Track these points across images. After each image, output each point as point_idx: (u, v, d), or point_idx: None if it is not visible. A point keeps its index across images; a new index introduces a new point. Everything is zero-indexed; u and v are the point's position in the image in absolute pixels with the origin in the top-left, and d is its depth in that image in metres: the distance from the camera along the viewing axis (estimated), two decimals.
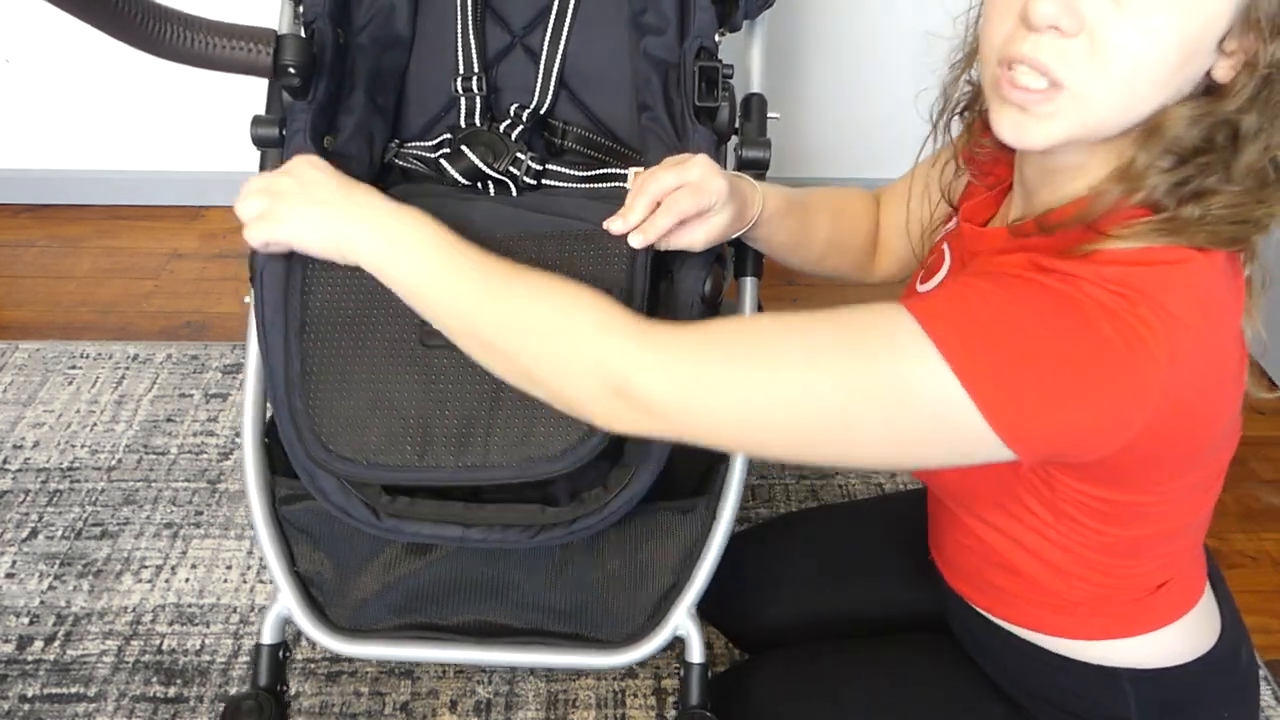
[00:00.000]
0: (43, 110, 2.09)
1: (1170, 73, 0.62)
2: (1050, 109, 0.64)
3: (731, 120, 1.02)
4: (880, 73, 2.05)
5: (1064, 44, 0.62)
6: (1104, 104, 0.63)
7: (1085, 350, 0.61)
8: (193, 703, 1.28)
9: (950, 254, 0.86)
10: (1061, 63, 0.62)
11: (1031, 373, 0.61)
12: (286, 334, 0.89)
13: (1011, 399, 0.61)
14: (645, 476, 0.88)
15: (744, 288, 1.03)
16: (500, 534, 0.87)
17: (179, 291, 2.00)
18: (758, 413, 0.65)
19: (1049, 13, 0.61)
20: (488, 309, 0.73)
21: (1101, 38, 0.61)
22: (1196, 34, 0.61)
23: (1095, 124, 0.65)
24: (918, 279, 0.91)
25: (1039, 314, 0.62)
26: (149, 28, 0.91)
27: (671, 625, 0.94)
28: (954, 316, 0.63)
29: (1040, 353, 0.61)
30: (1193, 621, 0.83)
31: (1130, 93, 0.63)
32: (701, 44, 1.00)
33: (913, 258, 0.98)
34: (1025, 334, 0.62)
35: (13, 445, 1.63)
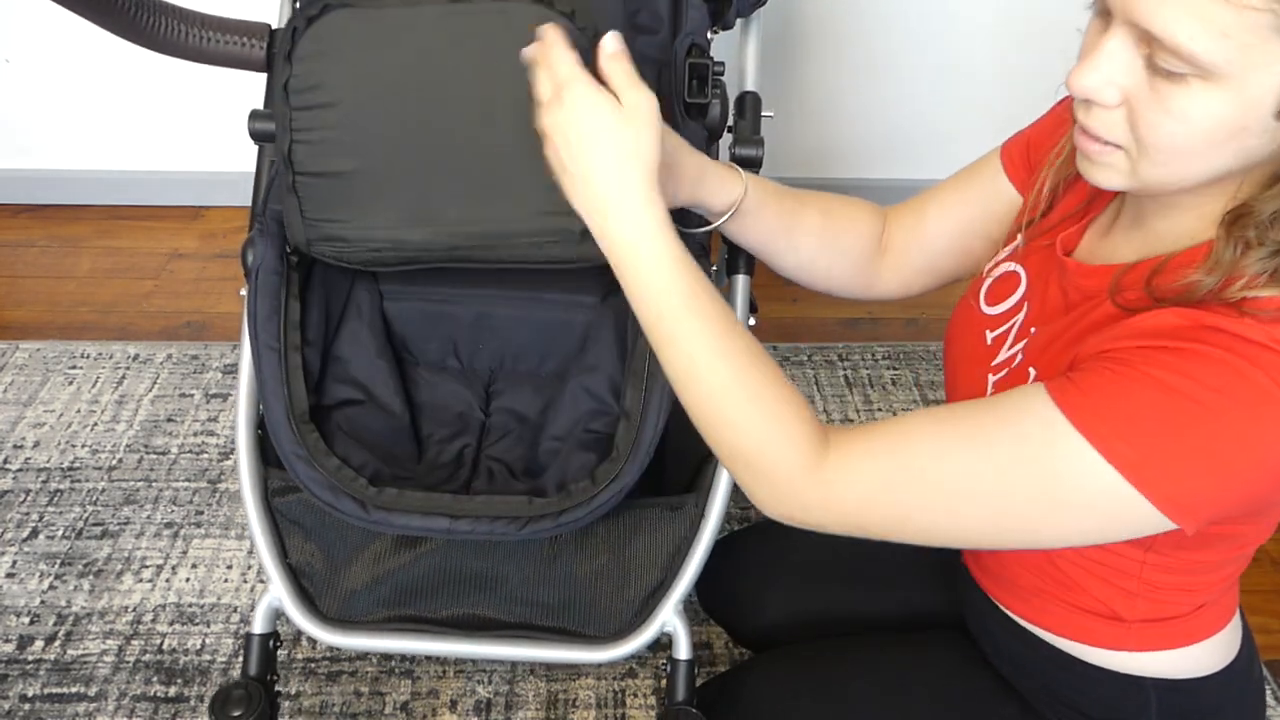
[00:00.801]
0: (43, 110, 2.09)
1: (1217, 145, 0.61)
2: (1109, 160, 0.66)
3: (724, 118, 1.01)
4: (876, 72, 2.04)
5: (1107, 114, 0.64)
6: (1154, 170, 0.64)
7: (1259, 425, 0.60)
8: (193, 702, 1.28)
9: (1027, 276, 0.83)
10: (1108, 131, 0.64)
11: (1205, 460, 0.61)
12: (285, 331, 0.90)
13: (1187, 490, 0.62)
14: (633, 470, 0.88)
15: (736, 285, 1.03)
16: (488, 526, 0.87)
17: (179, 291, 2.00)
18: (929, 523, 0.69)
19: (1087, 87, 0.63)
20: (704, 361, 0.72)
21: (1138, 116, 0.62)
22: (1237, 116, 0.59)
23: (1153, 183, 0.66)
24: (981, 298, 0.87)
25: (1206, 395, 0.61)
26: (143, 21, 0.91)
27: (659, 622, 0.94)
28: (1118, 419, 0.62)
29: (1211, 437, 0.61)
30: (1221, 639, 0.84)
31: (1177, 165, 0.63)
32: (693, 41, 1.00)
33: (936, 273, 0.95)
34: (1194, 422, 0.61)
35: (13, 445, 1.63)
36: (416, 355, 1.13)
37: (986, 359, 0.84)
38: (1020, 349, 0.79)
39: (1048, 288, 0.79)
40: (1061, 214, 0.81)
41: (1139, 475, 0.61)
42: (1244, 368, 0.60)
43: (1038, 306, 0.80)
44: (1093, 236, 0.78)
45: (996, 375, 0.82)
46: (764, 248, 0.94)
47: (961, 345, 0.89)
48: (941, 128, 2.12)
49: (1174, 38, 0.57)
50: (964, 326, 0.89)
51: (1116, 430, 0.62)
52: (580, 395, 1.05)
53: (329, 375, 1.03)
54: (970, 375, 0.85)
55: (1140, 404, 0.62)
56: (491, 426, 1.09)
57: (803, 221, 0.93)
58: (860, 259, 0.95)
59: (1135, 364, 0.63)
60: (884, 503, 0.69)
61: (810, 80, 2.06)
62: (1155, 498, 0.62)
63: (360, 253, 0.95)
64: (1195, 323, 0.63)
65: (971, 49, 2.01)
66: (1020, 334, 0.81)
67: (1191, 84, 0.59)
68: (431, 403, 1.08)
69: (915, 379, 1.82)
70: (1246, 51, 0.56)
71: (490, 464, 1.05)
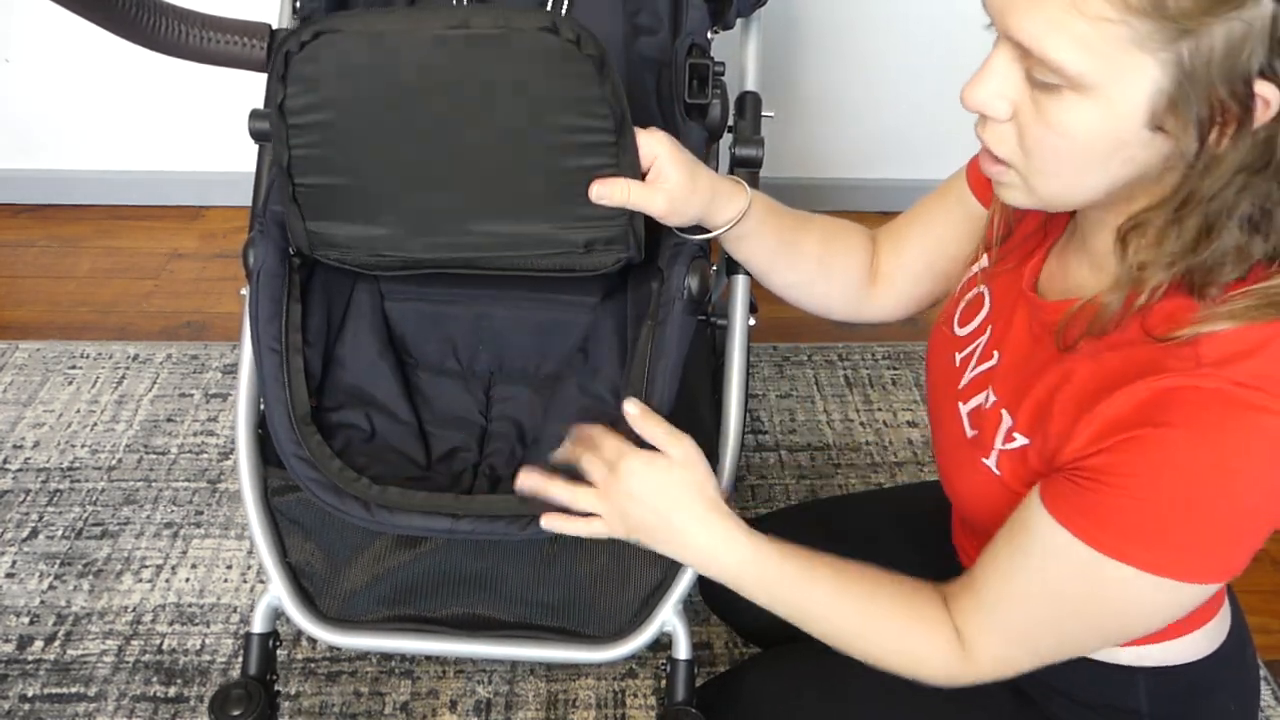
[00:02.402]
0: (43, 110, 2.09)
1: (1102, 157, 0.62)
2: (1007, 179, 0.68)
3: (724, 118, 1.01)
4: (876, 72, 2.04)
5: (1000, 129, 0.65)
6: (1047, 188, 0.66)
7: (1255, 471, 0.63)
8: (193, 702, 1.28)
9: (991, 299, 0.84)
10: (1000, 144, 0.66)
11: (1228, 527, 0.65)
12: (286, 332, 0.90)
13: (1220, 564, 0.66)
14: None
15: (736, 285, 1.03)
16: (489, 526, 0.87)
17: (179, 291, 2.00)
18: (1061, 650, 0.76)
19: (976, 100, 0.65)
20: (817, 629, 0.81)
21: (1024, 129, 0.64)
22: (1111, 128, 0.60)
23: (1052, 198, 0.67)
24: (954, 321, 0.89)
25: (1200, 475, 0.63)
26: (143, 21, 0.91)
27: (658, 622, 0.94)
28: (1140, 533, 0.65)
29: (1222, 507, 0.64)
30: (1210, 627, 0.84)
31: (1066, 178, 0.65)
32: (693, 41, 1.00)
33: (919, 298, 0.97)
34: (1201, 503, 0.63)
35: (13, 445, 1.63)
36: (416, 357, 1.13)
37: (954, 381, 0.85)
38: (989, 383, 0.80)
39: (1013, 314, 0.80)
40: (1022, 235, 0.83)
41: (1183, 572, 0.65)
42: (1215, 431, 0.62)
43: (1001, 330, 0.81)
44: (1053, 263, 0.79)
45: (967, 405, 0.83)
46: (762, 266, 0.95)
47: (936, 367, 0.90)
48: (941, 128, 2.12)
49: (1042, 50, 0.59)
50: (938, 349, 0.90)
51: (1144, 544, 0.65)
52: (580, 396, 1.05)
53: (330, 377, 1.03)
54: (944, 398, 0.87)
55: (1146, 510, 0.64)
56: (492, 428, 1.09)
57: (802, 245, 0.94)
58: (853, 284, 0.97)
59: (1124, 475, 0.65)
60: (1028, 655, 0.76)
61: (810, 80, 2.06)
62: (1208, 578, 0.67)
63: (362, 257, 0.95)
64: (1155, 395, 0.64)
65: (972, 49, 2.00)
66: (983, 356, 0.82)
67: (1066, 96, 0.60)
68: (432, 404, 1.08)
69: (915, 379, 1.82)
70: (1109, 62, 0.58)
71: (491, 465, 1.05)
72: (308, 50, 0.83)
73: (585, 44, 0.82)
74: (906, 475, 1.63)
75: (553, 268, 0.95)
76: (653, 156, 0.83)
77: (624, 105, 0.83)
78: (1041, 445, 0.72)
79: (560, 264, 0.94)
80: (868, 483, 1.62)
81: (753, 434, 1.70)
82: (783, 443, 1.69)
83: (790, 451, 1.67)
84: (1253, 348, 0.63)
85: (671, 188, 0.83)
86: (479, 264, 0.96)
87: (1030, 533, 0.70)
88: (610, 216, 0.90)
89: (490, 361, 1.14)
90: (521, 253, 0.94)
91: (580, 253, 0.92)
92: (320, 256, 0.96)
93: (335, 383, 1.03)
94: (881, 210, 2.03)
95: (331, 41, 0.83)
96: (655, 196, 0.83)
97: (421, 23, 0.82)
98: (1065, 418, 0.69)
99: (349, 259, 0.96)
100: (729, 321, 1.03)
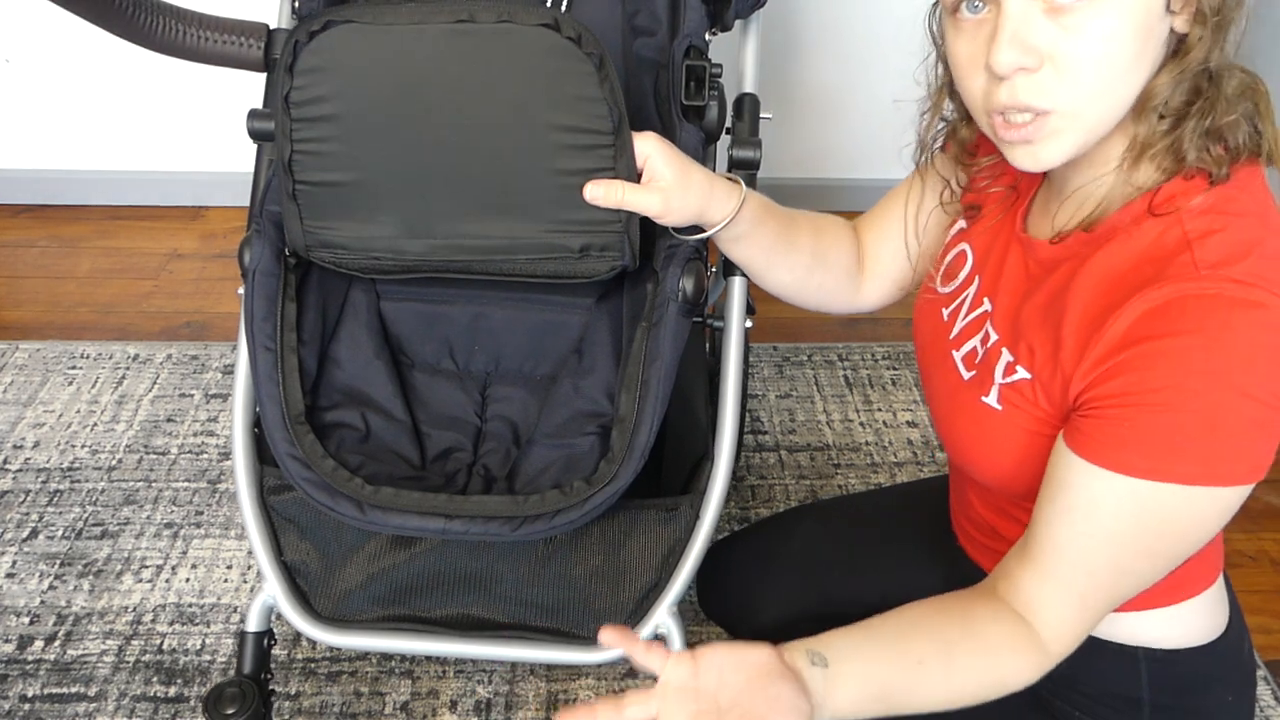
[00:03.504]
0: (43, 110, 2.09)
1: (1136, 55, 0.67)
2: (1049, 129, 0.69)
3: (722, 119, 1.01)
4: (874, 74, 2.04)
5: (1034, 79, 0.67)
6: (1093, 109, 0.68)
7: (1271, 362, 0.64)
8: (193, 702, 1.28)
9: (973, 252, 0.87)
10: (1041, 95, 0.67)
11: (1258, 432, 0.66)
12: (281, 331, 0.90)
13: (1256, 461, 0.67)
14: (627, 472, 0.88)
15: (733, 287, 1.03)
16: (483, 526, 0.87)
17: (179, 291, 2.00)
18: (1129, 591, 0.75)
19: (1010, 60, 0.66)
20: (920, 698, 0.76)
21: (1061, 60, 0.66)
22: (1143, 15, 0.65)
23: (1095, 126, 0.69)
24: (937, 280, 0.91)
25: (1223, 378, 0.65)
26: (142, 21, 0.92)
27: (653, 623, 0.94)
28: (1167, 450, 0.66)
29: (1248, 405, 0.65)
30: (1207, 603, 0.85)
31: (1110, 90, 0.68)
32: (691, 43, 1.00)
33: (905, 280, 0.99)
34: (1227, 405, 0.65)
35: (13, 445, 1.63)
36: (412, 357, 1.13)
37: (945, 333, 0.87)
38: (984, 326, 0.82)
39: (1004, 259, 0.82)
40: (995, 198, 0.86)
41: (1227, 476, 0.66)
42: (1224, 330, 0.64)
43: (992, 277, 0.83)
44: (1038, 209, 0.82)
45: (960, 351, 0.85)
46: (759, 266, 0.95)
47: (924, 327, 0.92)
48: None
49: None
50: (924, 310, 0.92)
51: (1185, 457, 0.66)
52: (575, 397, 1.05)
53: (325, 376, 1.03)
54: (935, 351, 0.89)
55: (1178, 423, 0.65)
56: (487, 428, 1.09)
57: (796, 241, 0.94)
58: (845, 275, 0.98)
59: (1147, 392, 0.66)
60: (1103, 607, 0.74)
61: (809, 82, 2.06)
62: (1247, 478, 0.67)
63: (359, 259, 0.96)
64: (1160, 307, 0.66)
65: None
66: (974, 303, 0.85)
67: (1087, 7, 0.64)
68: (427, 405, 1.08)
69: (915, 379, 1.82)
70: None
71: (485, 465, 1.05)
72: (317, 41, 0.84)
73: (585, 42, 0.82)
74: (906, 475, 1.63)
75: (547, 274, 0.95)
76: (645, 156, 0.84)
77: (622, 106, 0.84)
78: (1049, 378, 0.73)
79: (554, 270, 0.95)
80: (867, 483, 1.62)
81: (753, 434, 1.69)
82: (783, 443, 1.69)
83: (790, 451, 1.67)
84: (1245, 249, 0.66)
85: (665, 186, 0.84)
86: (474, 269, 0.96)
87: (1072, 488, 0.70)
88: (606, 221, 0.90)
89: (486, 362, 1.14)
90: (516, 257, 0.94)
91: (575, 258, 0.93)
92: (316, 258, 0.96)
93: (330, 382, 1.03)
94: None
95: (342, 33, 0.85)
96: (650, 196, 0.84)
97: (429, 16, 0.84)
98: (1076, 342, 0.71)
99: (345, 261, 0.96)
100: (725, 323, 1.03)
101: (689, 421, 1.05)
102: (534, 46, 0.83)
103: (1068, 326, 0.72)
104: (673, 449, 1.02)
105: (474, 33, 0.83)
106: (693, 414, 1.06)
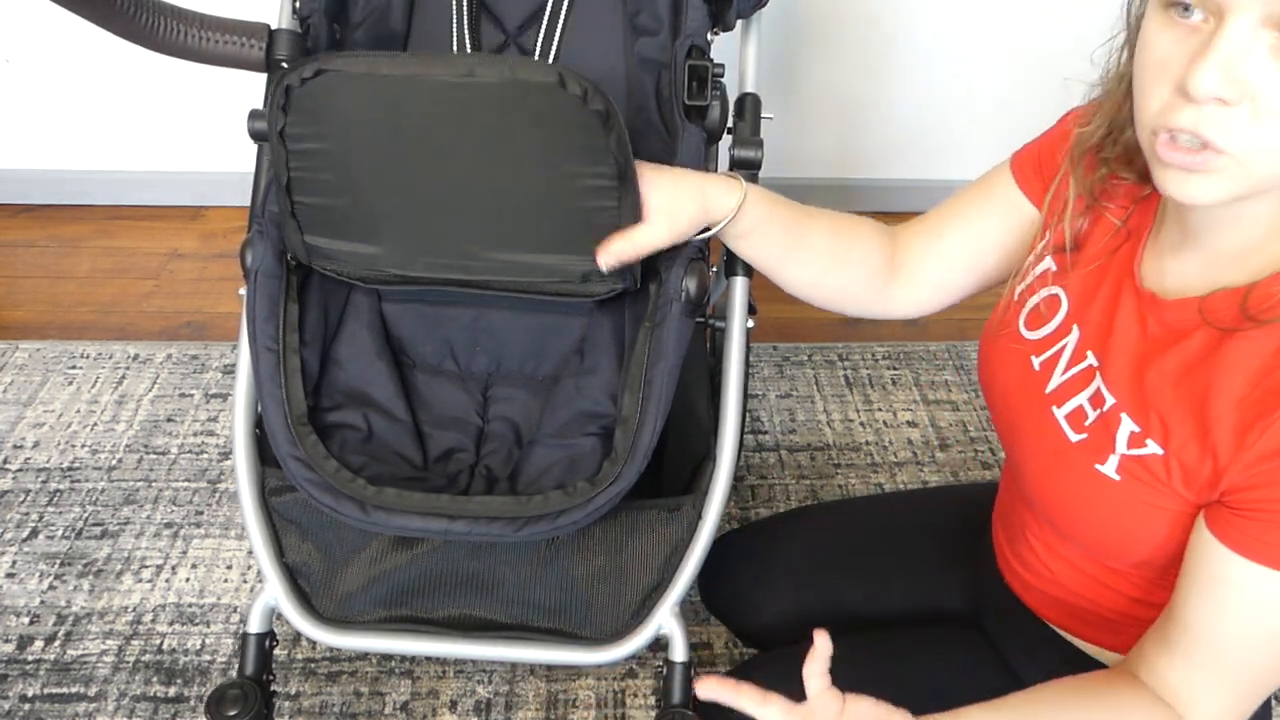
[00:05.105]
0: (43, 110, 2.09)
1: None
2: (1213, 166, 0.62)
3: (723, 119, 1.01)
4: (877, 74, 2.04)
5: (1226, 113, 0.60)
6: (1267, 166, 0.62)
7: None
8: (193, 702, 1.28)
9: (1069, 299, 0.81)
10: (1225, 134, 0.60)
11: None
12: (284, 332, 0.90)
13: None
14: (630, 473, 0.88)
15: (734, 287, 1.03)
16: (485, 527, 0.87)
17: (179, 291, 2.00)
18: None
19: (1211, 88, 0.59)
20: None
21: (1264, 105, 0.59)
22: None
23: (1258, 185, 0.63)
24: (1019, 324, 0.86)
25: None
26: (143, 21, 0.91)
27: (655, 624, 0.94)
28: None
29: None
30: None
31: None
32: (693, 43, 1.00)
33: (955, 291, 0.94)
34: None
35: (13, 445, 1.63)
36: (414, 358, 1.13)
37: (1039, 385, 0.82)
38: (1091, 383, 0.77)
39: (1114, 311, 0.76)
40: (1100, 239, 0.80)
41: None
42: None
43: (1096, 331, 0.78)
44: (1152, 258, 0.76)
45: (1063, 408, 0.79)
46: (771, 263, 0.94)
47: (1005, 376, 0.87)
48: (942, 128, 2.12)
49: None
50: (1004, 358, 0.87)
51: None
52: (577, 398, 1.05)
53: (327, 377, 1.03)
54: (1027, 406, 0.83)
55: None
56: (489, 429, 1.09)
57: (810, 237, 0.93)
58: (871, 276, 0.94)
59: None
60: (1255, 698, 0.72)
61: (810, 82, 2.06)
62: None
63: (359, 270, 0.96)
64: None
65: (972, 49, 2.01)
66: (1076, 357, 0.79)
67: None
68: (429, 406, 1.08)
69: (915, 379, 1.82)
70: None
71: (487, 466, 1.05)
72: (309, 86, 0.82)
73: (592, 99, 0.81)
74: (906, 475, 1.63)
75: (548, 291, 0.97)
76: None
77: (628, 154, 0.84)
78: (1195, 461, 0.69)
79: (556, 289, 0.97)
80: (867, 483, 1.62)
81: (753, 434, 1.69)
82: (783, 443, 1.69)
83: (790, 451, 1.67)
84: None
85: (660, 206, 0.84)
86: (475, 284, 0.97)
87: (1230, 584, 0.67)
88: None
89: (487, 363, 1.14)
90: (519, 278, 0.96)
91: (577, 283, 0.95)
92: (317, 266, 0.96)
93: (332, 383, 1.03)
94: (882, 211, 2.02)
95: (333, 81, 0.82)
96: (653, 229, 0.85)
97: (427, 69, 0.82)
98: (1233, 429, 0.66)
99: (346, 272, 0.96)
100: (727, 323, 1.03)
101: (690, 422, 1.05)
102: (540, 102, 0.81)
103: (1218, 408, 0.67)
104: (674, 449, 1.02)
105: (477, 88, 0.81)
106: (694, 414, 1.06)
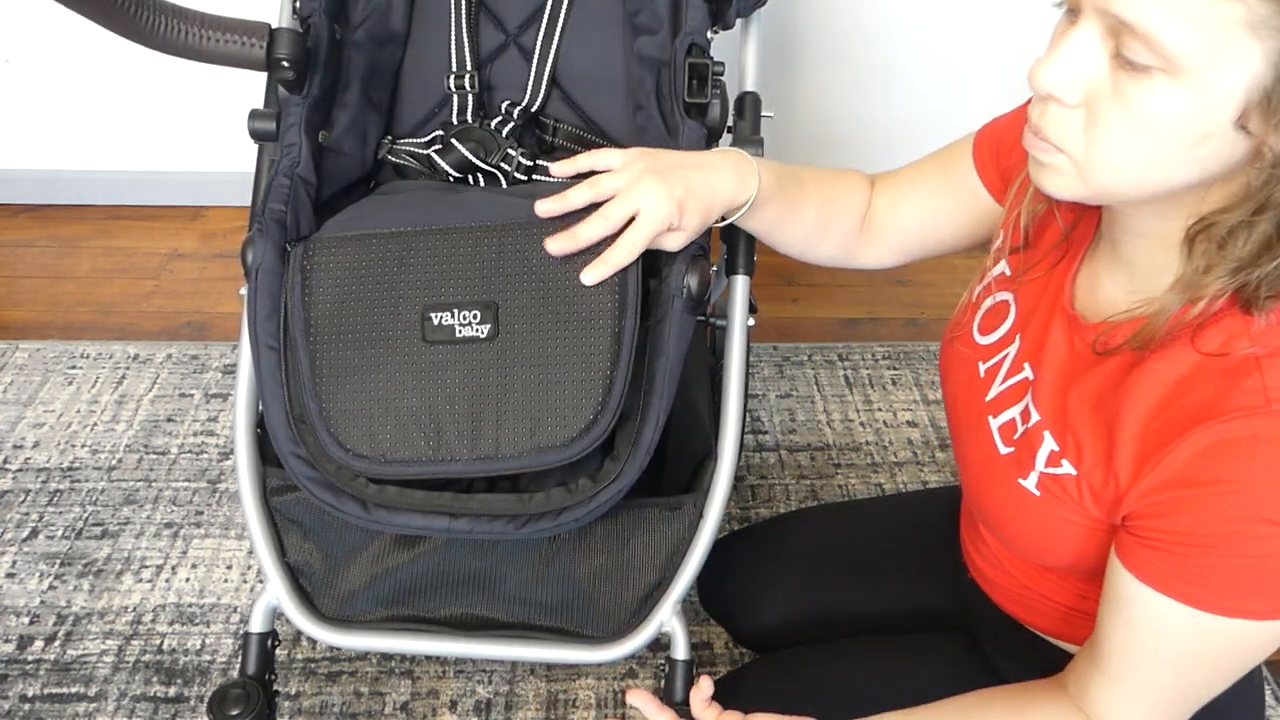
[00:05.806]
0: (43, 110, 2.09)
1: (1178, 153, 0.59)
2: (1055, 164, 0.64)
3: (724, 118, 1.02)
4: (876, 72, 2.04)
5: (1064, 113, 0.62)
6: (1104, 176, 0.63)
7: None
8: (193, 702, 1.28)
9: (1016, 306, 0.82)
10: (1058, 131, 0.62)
11: None
12: (288, 332, 0.90)
13: None
14: (632, 470, 0.87)
15: (735, 285, 1.03)
16: (487, 525, 0.87)
17: (179, 291, 2.00)
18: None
19: (1044, 85, 0.61)
20: None
21: (1096, 115, 0.61)
22: (1198, 119, 0.57)
23: (1104, 195, 0.65)
24: (974, 327, 0.87)
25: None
26: (143, 21, 0.91)
27: (656, 622, 0.94)
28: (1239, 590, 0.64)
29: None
30: None
31: (1131, 170, 0.62)
32: (693, 41, 1.00)
33: (906, 253, 0.97)
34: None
35: (13, 445, 1.63)
36: None
37: (981, 393, 0.83)
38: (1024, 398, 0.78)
39: (1048, 325, 0.77)
40: (1045, 245, 0.81)
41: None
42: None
43: (1033, 342, 0.79)
44: (1084, 276, 0.77)
45: (998, 419, 0.80)
46: (765, 231, 0.94)
47: (956, 379, 0.89)
48: (942, 127, 2.12)
49: (1144, 23, 0.55)
50: (957, 360, 0.88)
51: (1250, 596, 0.64)
52: None
53: None
54: (969, 412, 0.85)
55: (1240, 567, 0.63)
56: None
57: (802, 211, 0.94)
58: (848, 233, 0.97)
59: (1208, 534, 0.63)
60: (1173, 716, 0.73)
61: (810, 80, 2.06)
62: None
63: None
64: (1222, 446, 0.62)
65: (972, 48, 2.01)
66: (1014, 368, 0.80)
67: (1156, 79, 0.57)
68: None
69: (915, 379, 1.82)
70: (1213, 45, 0.55)
71: None
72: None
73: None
74: (906, 475, 1.63)
75: None
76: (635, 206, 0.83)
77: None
78: (1100, 485, 0.70)
79: None
80: (868, 483, 1.62)
81: (753, 434, 1.69)
82: (783, 443, 1.69)
83: (790, 451, 1.67)
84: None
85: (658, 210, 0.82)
86: None
87: (1135, 605, 0.68)
88: None
89: None
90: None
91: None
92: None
93: None
94: None
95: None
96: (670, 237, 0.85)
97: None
98: (1132, 457, 0.67)
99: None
100: (728, 321, 1.03)
101: (691, 420, 1.05)
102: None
103: (1123, 434, 0.67)
104: (675, 447, 1.02)
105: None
106: (695, 412, 1.06)
